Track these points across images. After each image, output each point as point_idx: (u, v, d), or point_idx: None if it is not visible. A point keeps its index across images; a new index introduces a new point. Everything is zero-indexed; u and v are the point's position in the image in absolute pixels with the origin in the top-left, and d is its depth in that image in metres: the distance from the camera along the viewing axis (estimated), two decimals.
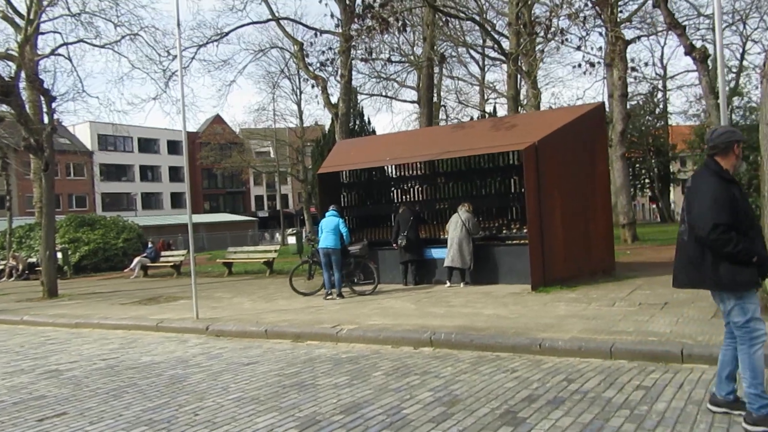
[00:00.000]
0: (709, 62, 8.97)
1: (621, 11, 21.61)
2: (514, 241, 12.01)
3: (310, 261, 12.36)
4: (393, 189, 14.33)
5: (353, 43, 16.61)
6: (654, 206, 59.14)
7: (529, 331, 7.38)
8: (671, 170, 54.47)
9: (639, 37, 24.10)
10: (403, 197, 14.14)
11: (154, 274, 21.74)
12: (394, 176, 14.34)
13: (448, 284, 11.97)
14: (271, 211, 72.55)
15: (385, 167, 14.30)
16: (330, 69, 16.87)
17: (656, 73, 47.33)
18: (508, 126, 12.25)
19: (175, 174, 68.44)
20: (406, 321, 8.60)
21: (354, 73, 28.13)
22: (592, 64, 15.16)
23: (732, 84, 40.01)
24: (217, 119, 65.91)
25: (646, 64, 38.22)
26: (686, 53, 8.09)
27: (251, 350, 7.83)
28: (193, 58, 20.75)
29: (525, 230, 12.00)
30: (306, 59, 21.09)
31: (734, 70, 42.39)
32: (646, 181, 53.98)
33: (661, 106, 51.77)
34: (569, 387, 5.31)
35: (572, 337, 6.92)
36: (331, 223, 11.86)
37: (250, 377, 6.25)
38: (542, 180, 10.86)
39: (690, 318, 7.58)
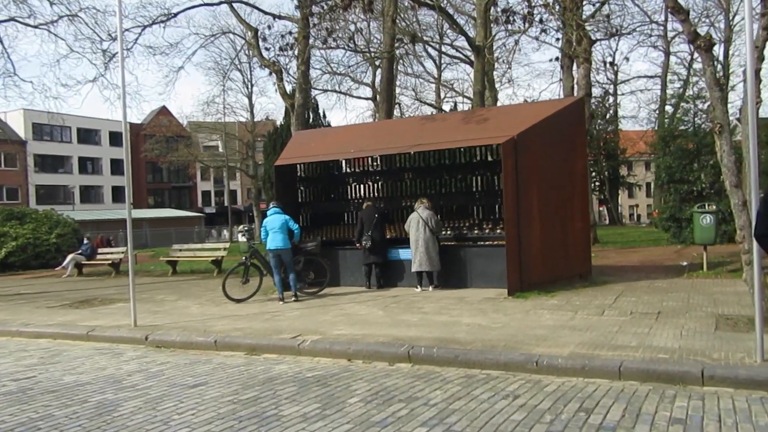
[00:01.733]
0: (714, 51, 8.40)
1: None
2: (487, 242, 11.19)
3: (247, 262, 11.19)
4: (355, 185, 13.30)
5: (314, 25, 15.50)
6: (602, 209, 59.91)
7: (519, 344, 6.51)
8: (620, 174, 55.24)
9: (599, 39, 23.76)
10: (367, 194, 13.14)
11: (90, 272, 20.07)
12: (357, 171, 13.33)
13: (419, 289, 11.04)
14: (219, 208, 70.26)
15: (347, 161, 13.28)
16: (290, 53, 15.68)
17: (608, 78, 47.85)
18: (480, 119, 11.42)
19: (117, 167, 65.39)
20: (377, 330, 7.62)
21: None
22: (572, 58, 14.54)
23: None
24: (164, 111, 63.28)
25: (607, 63, 38.08)
26: (689, 41, 7.42)
27: (198, 366, 6.69)
28: (136, 40, 19.21)
29: (498, 230, 11.22)
30: (261, 46, 19.87)
31: (682, 77, 43.22)
32: (596, 184, 54.57)
33: (612, 111, 52.41)
34: (590, 420, 4.42)
35: (571, 352, 6.08)
36: (277, 221, 10.80)
37: (198, 405, 5.14)
38: (520, 177, 10.06)
39: (693, 331, 6.86)
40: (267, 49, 17.91)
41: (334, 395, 5.27)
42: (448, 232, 11.76)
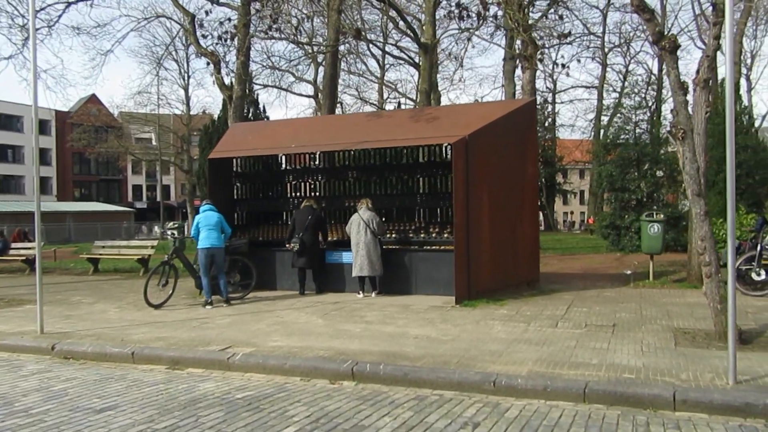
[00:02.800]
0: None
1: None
2: (433, 247, 10.65)
3: (169, 263, 10.29)
4: (295, 182, 12.52)
5: (257, 11, 14.60)
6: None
7: (473, 361, 5.96)
8: (557, 181, 56.27)
9: (544, 45, 23.76)
10: (308, 192, 12.39)
11: (2, 269, 18.43)
12: (297, 168, 12.56)
13: (362, 295, 10.39)
14: (151, 203, 67.51)
15: (287, 157, 12.49)
16: (229, 42, 14.71)
17: (546, 87, 48.65)
18: (430, 118, 10.88)
19: (41, 156, 61.89)
20: (317, 342, 6.92)
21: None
22: (515, 64, 14.26)
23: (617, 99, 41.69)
24: (93, 99, 60.27)
25: (558, 65, 38.40)
26: (653, 42, 7.08)
27: (110, 384, 5.81)
28: (59, 17, 17.69)
29: (446, 234, 10.71)
30: (198, 33, 18.74)
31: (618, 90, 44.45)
32: None
33: (550, 119, 53.33)
34: None
35: (530, 371, 5.56)
36: (211, 219, 10.04)
37: None
38: (471, 179, 9.56)
39: (654, 347, 6.48)
40: (204, 36, 16.84)
41: (268, 424, 4.55)
42: (393, 235, 11.17)
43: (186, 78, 50.05)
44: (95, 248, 17.12)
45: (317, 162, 12.38)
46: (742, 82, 35.46)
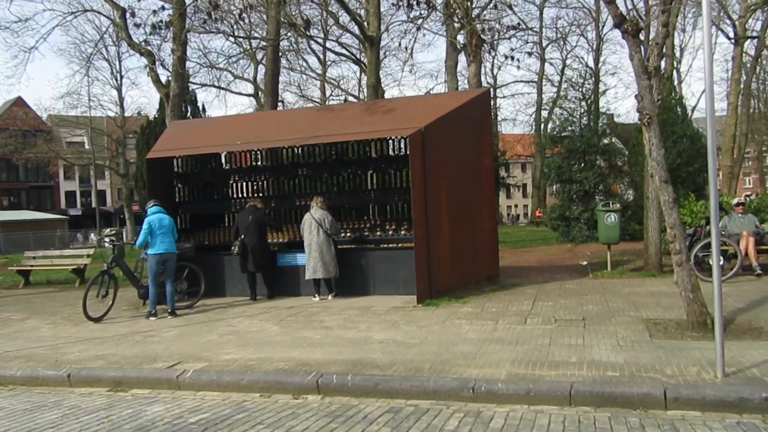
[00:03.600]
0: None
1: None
2: (390, 245, 10.23)
3: (109, 272, 9.57)
4: (241, 182, 11.87)
5: (193, 0, 13.84)
6: None
7: (446, 365, 5.56)
8: (500, 175, 56.88)
9: (493, 37, 23.72)
10: (254, 192, 11.76)
11: None
12: (242, 167, 11.92)
13: (318, 298, 9.87)
14: (86, 209, 64.52)
15: (230, 156, 11.83)
16: (163, 33, 13.88)
17: (487, 82, 49.04)
18: (384, 110, 10.45)
19: None
20: (275, 353, 6.39)
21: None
22: (473, 50, 14.00)
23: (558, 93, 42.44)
24: (19, 102, 57.19)
25: (507, 57, 38.44)
26: (615, 25, 6.87)
27: (43, 413, 5.14)
28: None
29: (402, 231, 10.31)
30: (129, 24, 17.74)
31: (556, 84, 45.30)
32: None
33: (492, 114, 53.85)
34: None
35: (509, 373, 5.21)
36: (166, 221, 9.38)
37: None
38: (428, 173, 9.19)
39: (630, 340, 6.25)
40: (138, 26, 15.82)
41: None
42: (348, 234, 10.69)
43: (119, 78, 48.14)
44: (25, 259, 15.92)
45: (263, 160, 11.77)
46: (674, 74, 36.60)
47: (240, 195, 11.86)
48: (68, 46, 62.76)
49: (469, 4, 16.74)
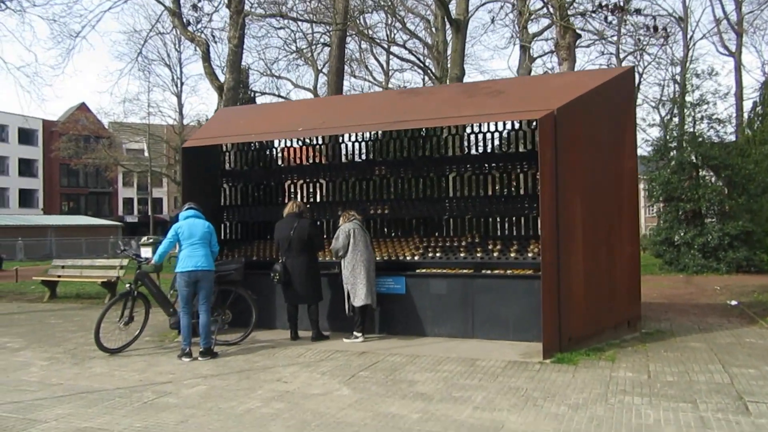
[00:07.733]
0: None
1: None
2: (495, 271, 7.57)
3: (133, 292, 7.26)
4: (300, 182, 9.43)
5: None
6: None
7: None
8: None
9: (579, 35, 20.97)
10: (318, 194, 9.34)
11: None
12: (304, 163, 9.52)
13: (361, 338, 7.36)
14: (142, 217, 64.14)
15: (288, 151, 9.46)
16: (216, 3, 11.78)
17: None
18: (489, 92, 7.85)
19: (26, 167, 58.75)
20: None
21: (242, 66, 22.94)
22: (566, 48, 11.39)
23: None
24: (82, 107, 57.34)
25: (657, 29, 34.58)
26: None
27: None
28: None
29: (513, 254, 7.66)
30: (183, 14, 15.91)
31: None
32: None
33: None
34: None
35: None
36: (200, 229, 6.97)
37: None
38: (560, 174, 6.54)
39: None
40: (195, 7, 13.88)
41: None
42: (429, 254, 8.06)
43: (179, 85, 47.25)
44: (53, 268, 13.95)
45: (341, 156, 9.32)
46: None
47: (303, 199, 9.32)
48: (120, 37, 59.42)
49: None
